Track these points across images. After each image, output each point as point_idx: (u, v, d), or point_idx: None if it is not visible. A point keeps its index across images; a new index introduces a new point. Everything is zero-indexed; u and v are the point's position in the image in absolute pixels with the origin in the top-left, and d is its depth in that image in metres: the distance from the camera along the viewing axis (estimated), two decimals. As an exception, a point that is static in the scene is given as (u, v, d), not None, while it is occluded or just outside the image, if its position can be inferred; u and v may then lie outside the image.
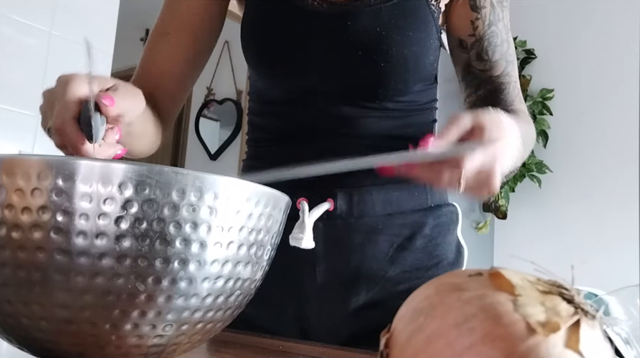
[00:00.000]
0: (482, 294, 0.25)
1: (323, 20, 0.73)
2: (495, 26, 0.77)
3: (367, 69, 0.73)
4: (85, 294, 0.32)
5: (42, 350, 0.35)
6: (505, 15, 0.78)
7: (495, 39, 0.77)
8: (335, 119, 0.74)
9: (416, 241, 0.75)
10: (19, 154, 0.33)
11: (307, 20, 0.73)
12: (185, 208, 0.33)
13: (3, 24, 1.40)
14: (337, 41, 0.72)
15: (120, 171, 0.32)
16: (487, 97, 0.77)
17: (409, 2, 0.73)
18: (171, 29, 0.80)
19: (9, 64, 1.41)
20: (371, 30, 0.72)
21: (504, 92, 0.77)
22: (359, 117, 0.75)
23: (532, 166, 2.98)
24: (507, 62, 0.78)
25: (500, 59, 0.77)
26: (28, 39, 1.45)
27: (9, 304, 0.33)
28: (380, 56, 0.72)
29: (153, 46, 0.81)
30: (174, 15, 0.81)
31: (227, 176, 0.35)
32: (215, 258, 0.35)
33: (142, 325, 0.34)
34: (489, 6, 0.76)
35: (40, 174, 0.31)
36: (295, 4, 0.74)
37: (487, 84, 0.77)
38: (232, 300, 0.38)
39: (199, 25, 0.80)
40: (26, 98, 1.43)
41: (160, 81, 0.80)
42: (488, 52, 0.76)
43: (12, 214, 0.32)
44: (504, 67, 0.77)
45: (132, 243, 0.32)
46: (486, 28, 0.76)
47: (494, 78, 0.77)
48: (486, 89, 0.77)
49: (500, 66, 0.77)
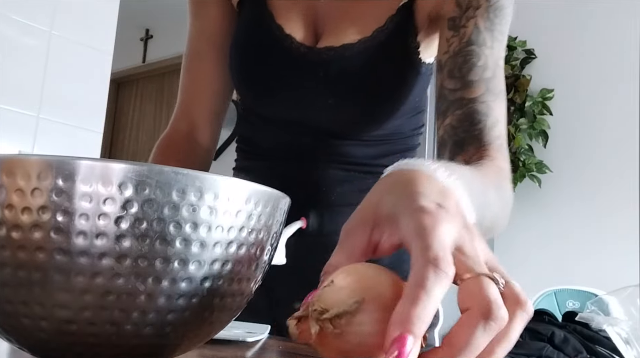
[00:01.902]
0: None
1: (307, 62, 0.75)
2: (476, 46, 0.67)
3: (350, 108, 0.75)
4: (85, 294, 0.32)
5: (42, 350, 0.35)
6: (495, 46, 0.68)
7: (473, 59, 0.66)
8: (317, 145, 0.78)
9: (383, 258, 0.75)
10: (19, 154, 0.33)
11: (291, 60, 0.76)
12: (185, 208, 0.33)
13: (3, 24, 1.41)
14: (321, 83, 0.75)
15: (120, 171, 0.32)
16: (456, 129, 0.64)
17: (390, 42, 0.74)
18: (202, 47, 0.86)
19: (9, 64, 1.41)
20: (354, 74, 0.73)
21: (479, 124, 0.64)
22: (340, 145, 0.77)
23: (532, 166, 2.98)
24: (488, 90, 0.65)
25: (478, 82, 0.65)
26: (28, 39, 1.45)
27: (9, 304, 0.33)
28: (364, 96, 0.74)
29: (190, 67, 0.88)
30: (202, 32, 0.87)
31: (227, 176, 0.35)
32: (215, 258, 0.35)
33: (142, 325, 0.34)
34: (471, 27, 0.68)
35: (40, 174, 0.31)
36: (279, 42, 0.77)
37: (456, 107, 0.65)
38: (232, 301, 0.38)
39: (225, 34, 0.85)
40: (26, 98, 1.43)
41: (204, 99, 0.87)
42: (462, 70, 0.66)
43: (12, 214, 0.32)
44: (482, 93, 0.65)
45: (132, 243, 0.32)
46: (463, 45, 0.67)
47: (467, 101, 0.65)
48: (455, 116, 0.65)
49: (476, 88, 0.65)
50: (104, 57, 1.63)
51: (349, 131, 0.77)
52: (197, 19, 0.87)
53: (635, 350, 0.48)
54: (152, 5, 3.82)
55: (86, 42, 1.58)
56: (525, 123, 3.03)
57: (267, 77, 0.78)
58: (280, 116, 0.79)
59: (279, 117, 0.79)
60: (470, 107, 0.64)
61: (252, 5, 0.81)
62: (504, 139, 0.65)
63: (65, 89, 1.51)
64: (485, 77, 0.65)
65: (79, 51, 1.56)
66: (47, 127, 1.46)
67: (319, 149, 0.78)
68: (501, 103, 0.67)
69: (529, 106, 3.04)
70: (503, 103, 0.67)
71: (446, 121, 0.66)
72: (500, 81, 0.67)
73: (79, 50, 1.56)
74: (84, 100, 1.57)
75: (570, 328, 2.13)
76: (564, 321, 2.26)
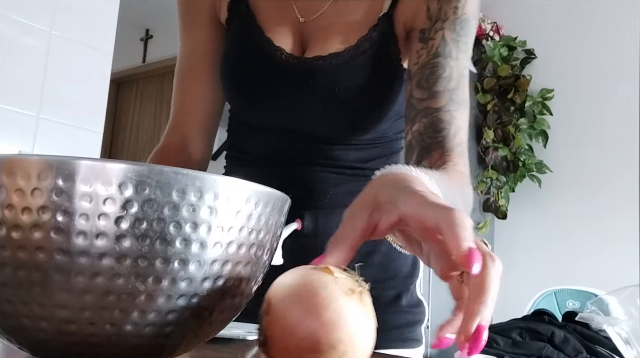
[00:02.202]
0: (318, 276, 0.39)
1: (297, 72, 0.79)
2: (442, 58, 0.72)
3: (339, 114, 0.79)
4: (85, 294, 0.32)
5: (42, 350, 0.35)
6: (460, 57, 0.73)
7: (439, 70, 0.72)
8: (308, 150, 0.81)
9: (374, 257, 0.81)
10: (19, 154, 0.33)
11: (282, 71, 0.79)
12: (185, 208, 0.33)
13: (3, 24, 1.41)
14: (311, 91, 0.78)
15: (120, 171, 0.32)
16: (422, 135, 0.70)
17: (374, 50, 0.77)
18: (193, 65, 0.89)
19: (9, 64, 1.41)
20: (342, 80, 0.77)
21: (443, 131, 0.70)
22: (331, 149, 0.81)
23: (532, 166, 2.98)
24: (451, 100, 0.71)
25: (443, 92, 0.71)
26: (28, 39, 1.45)
27: (9, 304, 0.33)
28: (352, 102, 0.77)
29: (182, 82, 0.90)
30: (192, 52, 0.89)
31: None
32: (215, 258, 0.35)
33: (142, 325, 0.34)
34: (439, 39, 0.73)
35: (40, 174, 0.31)
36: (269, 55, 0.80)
37: (423, 116, 0.71)
38: (232, 301, 0.38)
39: (216, 51, 0.88)
40: (26, 98, 1.43)
41: (196, 114, 0.90)
42: (429, 81, 0.72)
43: (12, 214, 0.32)
44: (446, 102, 0.71)
45: (132, 243, 0.32)
46: (430, 57, 0.73)
47: (432, 110, 0.71)
48: (422, 123, 0.71)
49: (441, 98, 0.71)
50: (104, 57, 1.63)
51: (339, 135, 0.81)
52: (188, 40, 0.90)
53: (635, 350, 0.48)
54: (152, 5, 3.82)
55: (86, 42, 1.58)
56: (525, 123, 3.03)
57: (261, 87, 0.81)
58: (273, 123, 0.82)
59: (272, 125, 0.82)
60: (435, 116, 0.70)
61: (240, 20, 0.84)
62: (464, 146, 0.72)
63: (65, 89, 1.52)
64: (449, 88, 0.71)
65: (79, 51, 1.56)
66: (47, 127, 1.46)
67: (311, 154, 0.81)
68: (463, 112, 0.73)
69: (529, 106, 3.04)
70: (465, 111, 0.73)
71: (414, 127, 0.72)
72: (464, 90, 0.73)
73: (79, 50, 1.56)
74: (84, 100, 1.57)
75: (570, 328, 2.13)
76: (564, 321, 2.26)
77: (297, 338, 0.37)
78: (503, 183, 3.00)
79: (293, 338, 0.37)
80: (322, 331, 0.37)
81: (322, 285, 0.38)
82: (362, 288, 0.40)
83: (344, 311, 0.37)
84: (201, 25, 0.88)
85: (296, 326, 0.37)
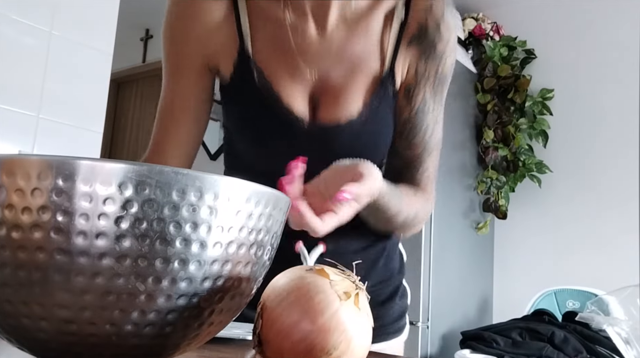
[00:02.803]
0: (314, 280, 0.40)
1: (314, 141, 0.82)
2: (422, 114, 0.85)
3: None
4: (85, 294, 0.32)
5: (42, 350, 0.35)
6: (436, 108, 0.86)
7: (418, 126, 0.85)
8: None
9: (379, 261, 0.90)
10: (19, 154, 0.33)
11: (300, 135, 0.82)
12: (185, 208, 0.33)
13: (3, 24, 1.41)
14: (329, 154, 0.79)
15: (120, 171, 0.32)
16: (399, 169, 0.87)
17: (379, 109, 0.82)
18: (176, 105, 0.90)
19: (9, 64, 1.41)
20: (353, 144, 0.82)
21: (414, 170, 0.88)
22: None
23: (532, 166, 2.98)
24: (424, 149, 0.86)
25: (419, 143, 0.86)
26: (28, 39, 1.45)
27: (9, 304, 0.33)
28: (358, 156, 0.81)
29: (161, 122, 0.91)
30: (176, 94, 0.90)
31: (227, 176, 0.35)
32: (215, 258, 0.35)
33: (142, 325, 0.34)
34: (421, 97, 0.84)
35: (40, 174, 0.31)
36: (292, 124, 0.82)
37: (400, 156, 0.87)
38: (232, 301, 0.38)
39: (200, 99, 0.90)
40: (26, 98, 1.43)
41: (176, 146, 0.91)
42: (409, 136, 0.85)
43: (12, 214, 0.32)
44: (420, 151, 0.86)
45: (132, 243, 0.32)
46: (412, 114, 0.84)
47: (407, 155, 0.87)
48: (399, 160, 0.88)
49: (416, 148, 0.86)
50: (104, 57, 1.63)
51: None
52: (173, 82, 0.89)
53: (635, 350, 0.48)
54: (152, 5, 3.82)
55: (86, 42, 1.58)
56: (525, 123, 3.03)
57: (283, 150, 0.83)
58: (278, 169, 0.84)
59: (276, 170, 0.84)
60: (409, 160, 0.87)
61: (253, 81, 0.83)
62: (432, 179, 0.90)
63: (65, 89, 1.51)
64: (425, 140, 0.86)
65: (79, 50, 1.56)
66: (47, 127, 1.46)
67: None
68: (435, 154, 0.89)
69: (529, 106, 3.04)
70: (436, 152, 0.89)
71: (393, 161, 0.88)
72: (437, 134, 0.88)
73: (79, 50, 1.56)
74: (84, 100, 1.57)
75: (570, 328, 2.13)
76: (564, 321, 2.26)
77: (291, 341, 0.37)
78: (503, 183, 3.00)
79: (288, 342, 0.37)
80: (317, 336, 0.37)
81: (317, 288, 0.38)
82: (360, 289, 0.40)
83: (339, 317, 0.37)
84: (188, 71, 0.87)
85: (291, 330, 0.37)
